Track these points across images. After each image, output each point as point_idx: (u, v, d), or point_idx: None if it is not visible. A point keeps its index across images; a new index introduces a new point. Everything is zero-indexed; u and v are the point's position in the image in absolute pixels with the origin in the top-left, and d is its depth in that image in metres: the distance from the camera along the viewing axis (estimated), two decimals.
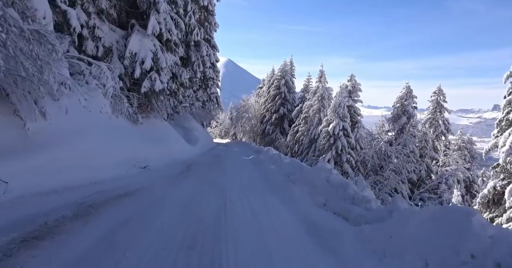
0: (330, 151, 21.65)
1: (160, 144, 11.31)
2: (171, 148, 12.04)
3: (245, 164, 12.42)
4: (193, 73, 16.79)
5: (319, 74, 26.25)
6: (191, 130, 20.78)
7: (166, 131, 12.91)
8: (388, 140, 21.37)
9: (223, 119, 52.16)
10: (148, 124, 11.51)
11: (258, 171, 10.47)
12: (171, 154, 11.63)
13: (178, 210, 4.72)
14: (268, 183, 7.97)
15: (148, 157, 9.65)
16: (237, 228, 4.07)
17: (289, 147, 31.28)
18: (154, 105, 11.59)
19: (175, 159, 11.37)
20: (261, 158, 13.93)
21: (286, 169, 9.51)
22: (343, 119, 21.84)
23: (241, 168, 11.10)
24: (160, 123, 12.76)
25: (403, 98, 22.14)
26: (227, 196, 6.05)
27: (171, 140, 12.75)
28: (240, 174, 9.42)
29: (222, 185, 7.22)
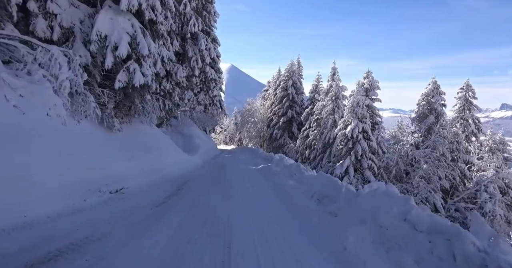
0: (349, 156, 18.88)
1: (147, 156, 8.70)
2: (162, 161, 9.42)
3: (255, 178, 9.76)
4: (190, 70, 14.25)
5: (332, 72, 23.58)
6: (191, 137, 18.20)
7: (157, 140, 10.30)
8: (414, 143, 18.56)
9: (228, 124, 49.58)
10: (130, 130, 8.93)
11: (274, 189, 7.77)
12: (161, 168, 9.01)
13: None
14: (294, 215, 5.23)
15: (127, 175, 7.03)
16: None
17: (299, 153, 28.57)
18: (138, 107, 9.02)
19: (165, 175, 8.74)
20: (274, 169, 11.24)
21: (313, 188, 6.83)
22: (362, 120, 19.10)
23: (251, 185, 8.41)
24: (149, 129, 10.18)
25: (429, 95, 19.34)
26: (232, 252, 3.41)
27: (163, 150, 10.14)
28: (250, 196, 6.73)
29: (224, 223, 4.55)
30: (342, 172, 18.72)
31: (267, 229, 4.34)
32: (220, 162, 15.62)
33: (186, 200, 6.11)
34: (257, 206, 5.77)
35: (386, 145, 19.84)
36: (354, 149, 18.81)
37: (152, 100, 10.06)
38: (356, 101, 19.12)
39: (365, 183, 18.73)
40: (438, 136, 18.37)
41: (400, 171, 18.64)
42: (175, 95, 14.10)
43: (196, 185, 7.98)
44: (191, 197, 6.41)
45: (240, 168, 12.86)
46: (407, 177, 18.54)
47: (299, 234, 4.15)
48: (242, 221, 4.74)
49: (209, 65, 16.72)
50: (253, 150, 25.57)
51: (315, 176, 7.93)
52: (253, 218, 4.92)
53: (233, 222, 4.64)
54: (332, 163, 20.52)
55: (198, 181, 8.70)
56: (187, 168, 10.95)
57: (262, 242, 3.75)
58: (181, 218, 4.81)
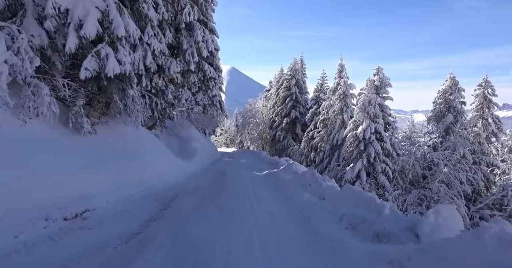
0: (360, 159, 17.13)
1: (128, 165, 6.97)
2: (148, 170, 7.69)
3: (261, 190, 7.98)
4: (185, 64, 12.53)
5: (339, 69, 21.84)
6: (188, 140, 16.48)
7: (143, 144, 8.57)
8: (432, 144, 16.79)
9: (228, 126, 47.85)
10: (108, 133, 7.22)
11: (287, 207, 5.99)
12: (146, 179, 7.28)
13: None
14: (325, 257, 3.48)
15: (95, 193, 5.30)
16: None
17: (304, 155, 26.81)
18: (119, 105, 7.31)
19: (151, 188, 7.01)
20: (283, 177, 9.49)
21: (340, 206, 5.09)
22: (374, 119, 17.36)
23: (257, 200, 6.63)
24: (133, 132, 8.45)
25: (447, 92, 17.58)
26: None
27: (150, 156, 8.40)
28: (258, 220, 4.94)
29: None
30: (354, 176, 16.97)
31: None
32: (220, 167, 13.88)
33: (170, 228, 4.36)
34: (270, 238, 4.01)
35: (400, 146, 18.10)
36: (366, 152, 17.07)
37: (138, 96, 8.34)
38: (367, 99, 17.40)
39: (378, 189, 16.98)
40: (458, 137, 16.63)
41: (417, 175, 16.89)
42: (169, 93, 12.38)
43: (188, 201, 6.23)
44: (178, 222, 4.66)
45: (242, 175, 11.11)
46: (424, 181, 16.76)
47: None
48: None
49: (206, 61, 15.01)
50: (256, 153, 23.82)
51: (338, 191, 6.18)
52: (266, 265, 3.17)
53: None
54: (341, 167, 18.76)
55: (192, 194, 6.95)
56: (181, 177, 9.21)
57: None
58: (157, 265, 3.08)
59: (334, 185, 7.12)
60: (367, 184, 16.85)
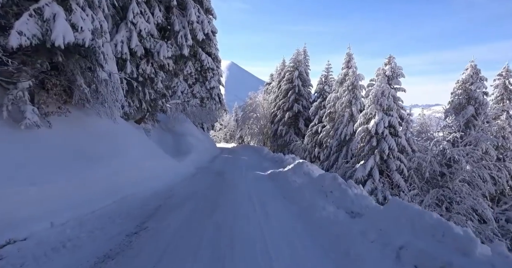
0: (372, 156, 15.44)
1: (96, 168, 5.26)
2: (125, 173, 5.97)
3: (268, 198, 6.24)
4: (177, 48, 10.73)
5: (346, 59, 20.00)
6: (183, 135, 14.77)
7: (121, 141, 6.83)
8: (451, 139, 15.08)
9: (228, 121, 46.07)
10: (71, 127, 5.49)
11: (308, 229, 4.28)
12: (121, 186, 5.57)
13: None
14: None
15: (37, 212, 3.60)
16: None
17: (307, 151, 25.16)
18: (84, 90, 5.51)
19: (125, 199, 5.30)
20: (293, 180, 7.77)
21: (392, 235, 3.40)
22: (388, 112, 15.64)
23: (265, 216, 4.87)
24: (109, 126, 6.71)
25: (468, 82, 15.80)
26: None
27: (130, 156, 6.67)
28: (271, 254, 3.29)
29: None
30: (365, 175, 15.29)
31: None
32: (218, 166, 12.17)
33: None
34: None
35: (415, 142, 16.41)
36: (379, 147, 15.37)
37: (115, 82, 6.59)
38: (380, 90, 15.66)
39: (393, 188, 15.32)
40: (480, 131, 14.95)
41: (435, 173, 15.23)
42: (158, 82, 10.63)
43: (172, 218, 4.53)
44: (149, 262, 2.99)
45: (244, 177, 9.41)
46: (442, 180, 15.10)
47: None
48: None
49: (202, 47, 13.22)
50: (257, 149, 22.12)
51: (375, 205, 4.47)
52: None
53: None
54: (351, 164, 17.09)
55: (180, 206, 5.25)
56: (170, 181, 7.51)
57: None
58: None
59: (364, 194, 5.42)
60: (380, 183, 15.19)
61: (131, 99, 10.45)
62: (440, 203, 14.74)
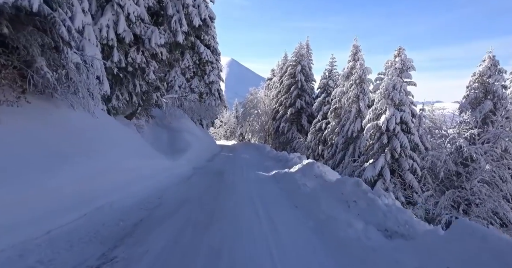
0: (383, 154, 14.34)
1: (64, 172, 4.16)
2: (104, 177, 4.88)
3: (276, 208, 5.11)
4: (171, 35, 9.57)
5: (353, 51, 18.82)
6: (180, 132, 13.63)
7: (100, 138, 5.70)
8: (469, 137, 13.95)
9: (228, 118, 44.92)
10: (32, 122, 4.40)
11: (332, 256, 3.23)
12: (97, 193, 4.48)
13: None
14: None
15: None
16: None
17: (311, 149, 24.05)
18: (46, 74, 4.37)
19: (99, 210, 4.20)
20: (302, 183, 6.66)
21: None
22: (400, 107, 14.52)
23: (276, 232, 3.79)
24: (85, 120, 5.59)
25: (485, 74, 14.64)
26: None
27: (111, 156, 5.56)
28: None
29: None
30: (375, 175, 14.20)
31: None
32: (217, 166, 11.07)
33: None
34: None
35: (428, 139, 15.30)
36: (390, 145, 14.27)
37: (95, 68, 5.46)
38: (391, 83, 14.52)
39: (405, 189, 14.23)
40: (499, 127, 13.83)
41: (450, 172, 14.13)
42: (150, 72, 9.49)
43: (153, 241, 3.43)
44: None
45: (245, 179, 8.31)
46: (458, 180, 14.01)
47: None
48: None
49: (198, 35, 12.05)
50: (259, 147, 21.00)
51: (437, 233, 3.38)
52: None
53: None
54: (360, 163, 15.98)
55: (166, 221, 4.15)
56: (160, 184, 6.41)
57: None
58: None
59: (397, 206, 4.32)
60: (391, 183, 14.11)
61: (119, 91, 9.33)
62: (456, 205, 13.67)
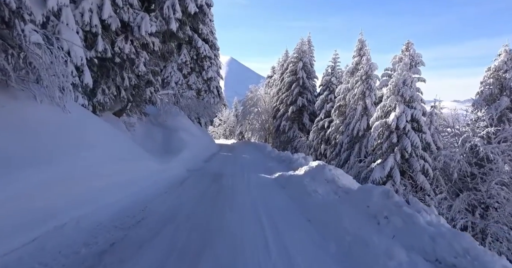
0: (392, 154, 13.36)
1: (14, 180, 3.18)
2: (65, 187, 3.88)
3: (286, 224, 4.14)
4: (163, 22, 8.55)
5: (358, 46, 17.81)
6: (175, 131, 12.63)
7: (67, 137, 4.69)
8: (485, 135, 12.98)
9: (227, 116, 43.89)
10: None
11: None
12: (63, 206, 3.50)
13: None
14: None
15: None
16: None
17: (313, 148, 23.07)
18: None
19: (57, 229, 3.21)
20: (313, 190, 5.67)
21: None
22: (410, 104, 13.53)
23: (292, 265, 2.87)
24: (52, 116, 4.58)
25: (501, 69, 13.67)
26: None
27: (85, 159, 4.57)
28: None
29: None
30: (384, 176, 13.22)
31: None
32: (216, 167, 10.08)
33: None
34: None
35: (440, 138, 14.33)
36: (400, 145, 13.29)
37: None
38: (401, 78, 13.52)
39: (417, 191, 13.26)
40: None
41: (464, 173, 13.16)
42: (140, 64, 8.46)
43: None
44: None
45: (247, 183, 7.31)
46: (473, 181, 13.04)
47: None
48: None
49: (193, 24, 11.03)
50: (259, 146, 20.01)
51: None
52: None
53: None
54: (367, 163, 15.00)
55: (143, 247, 3.18)
56: (147, 191, 5.41)
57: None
58: None
59: (444, 224, 3.34)
60: (401, 185, 13.14)
61: (105, 85, 8.30)
62: (471, 208, 12.71)
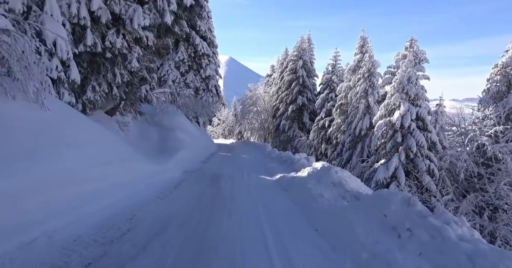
0: (396, 154, 12.89)
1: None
2: (38, 195, 3.39)
3: (293, 233, 3.63)
4: (157, 14, 8.05)
5: (360, 43, 17.30)
6: (172, 130, 12.13)
7: (44, 137, 4.19)
8: (493, 134, 12.50)
9: (226, 116, 43.36)
10: None
11: None
12: (28, 220, 3.01)
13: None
14: None
15: None
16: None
17: (313, 147, 22.58)
18: None
19: (24, 246, 2.73)
20: (319, 194, 5.19)
21: None
22: (415, 102, 13.06)
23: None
24: (28, 114, 4.08)
25: (509, 66, 13.17)
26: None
27: (62, 161, 4.07)
28: None
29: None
30: (388, 176, 12.75)
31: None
32: (214, 168, 9.58)
33: None
34: None
35: (446, 137, 13.87)
36: (405, 144, 12.82)
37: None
38: (406, 76, 13.04)
39: (422, 193, 12.79)
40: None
41: (471, 174, 12.69)
42: (133, 59, 7.95)
43: None
44: None
45: (247, 186, 6.82)
46: (480, 182, 12.57)
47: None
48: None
49: (189, 19, 10.52)
50: (259, 146, 19.51)
51: None
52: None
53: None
54: (370, 163, 14.51)
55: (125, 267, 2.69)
56: (137, 196, 4.91)
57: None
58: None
59: (483, 242, 2.85)
60: (406, 186, 12.67)
61: (96, 81, 7.79)
62: (478, 210, 12.25)
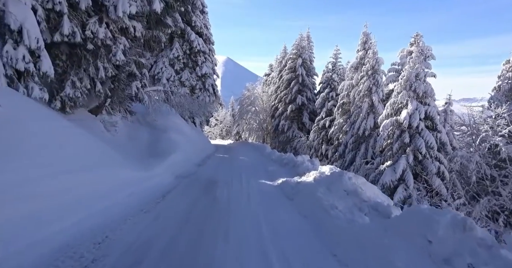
0: (404, 155, 12.06)
1: None
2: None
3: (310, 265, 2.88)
4: (145, 2, 7.17)
5: (363, 39, 16.48)
6: (165, 131, 11.21)
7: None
8: (507, 134, 11.71)
9: (224, 116, 42.45)
10: None
11: None
12: None
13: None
14: None
15: None
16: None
17: (313, 148, 21.77)
18: None
19: None
20: (331, 205, 4.33)
21: None
22: (424, 100, 12.25)
23: None
24: None
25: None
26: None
27: (10, 174, 3.21)
28: None
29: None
30: (395, 179, 11.91)
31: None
32: (210, 172, 8.68)
33: None
34: None
35: (456, 137, 13.08)
36: (413, 145, 12.01)
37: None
38: (413, 72, 12.24)
39: (432, 197, 11.98)
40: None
41: (483, 176, 11.90)
42: (118, 51, 7.06)
43: None
44: None
45: (246, 194, 5.94)
46: (492, 185, 11.79)
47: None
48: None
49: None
50: (258, 147, 18.63)
51: None
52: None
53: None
54: (375, 165, 13.68)
55: None
56: (112, 210, 4.02)
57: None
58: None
59: None
60: (414, 190, 11.85)
61: (76, 76, 6.87)
62: (491, 215, 11.46)
